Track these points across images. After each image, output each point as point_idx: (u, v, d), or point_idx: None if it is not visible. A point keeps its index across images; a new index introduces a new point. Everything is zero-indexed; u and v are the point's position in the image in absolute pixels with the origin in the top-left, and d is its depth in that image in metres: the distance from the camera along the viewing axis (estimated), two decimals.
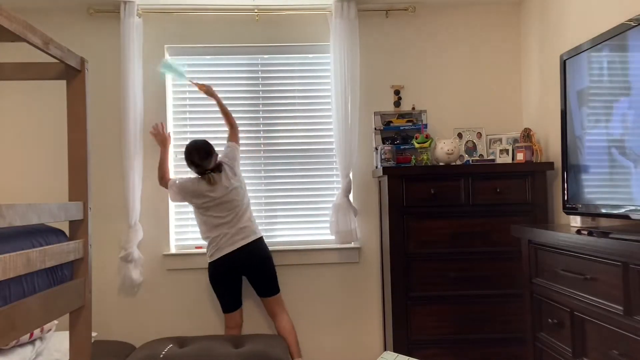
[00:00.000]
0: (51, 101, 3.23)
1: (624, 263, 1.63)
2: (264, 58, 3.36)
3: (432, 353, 2.84)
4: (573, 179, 2.23)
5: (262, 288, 2.96)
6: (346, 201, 3.15)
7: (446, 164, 2.98)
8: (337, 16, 3.16)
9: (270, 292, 2.97)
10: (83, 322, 1.80)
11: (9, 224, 1.34)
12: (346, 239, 3.15)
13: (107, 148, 3.24)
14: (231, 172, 2.93)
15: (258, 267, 2.91)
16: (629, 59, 1.87)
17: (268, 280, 2.95)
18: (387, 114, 3.26)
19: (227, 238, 2.86)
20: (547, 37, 3.01)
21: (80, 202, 1.78)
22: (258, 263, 2.90)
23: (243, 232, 2.88)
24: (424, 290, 2.86)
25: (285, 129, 3.38)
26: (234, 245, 2.85)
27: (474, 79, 3.37)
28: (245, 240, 2.87)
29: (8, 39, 1.45)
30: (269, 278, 2.95)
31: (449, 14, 3.38)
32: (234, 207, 2.89)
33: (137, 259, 3.13)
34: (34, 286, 1.48)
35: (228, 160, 2.97)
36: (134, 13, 3.10)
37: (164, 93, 3.29)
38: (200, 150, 2.85)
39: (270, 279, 2.96)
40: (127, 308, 3.24)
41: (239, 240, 2.86)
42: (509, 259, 2.85)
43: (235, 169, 2.96)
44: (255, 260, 2.90)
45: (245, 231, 2.89)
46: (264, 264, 2.92)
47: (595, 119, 2.09)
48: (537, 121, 3.16)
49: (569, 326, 1.96)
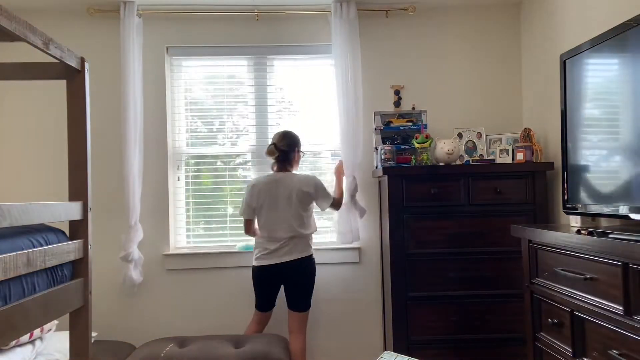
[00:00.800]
0: (51, 101, 3.23)
1: (623, 263, 1.63)
2: (264, 58, 3.36)
3: (432, 353, 2.84)
4: (573, 179, 2.23)
5: (293, 301, 2.89)
6: (350, 201, 3.14)
7: (446, 164, 2.98)
8: (337, 16, 3.16)
9: (297, 308, 2.88)
10: (83, 322, 1.80)
11: (10, 224, 1.34)
12: (347, 239, 3.15)
13: (107, 148, 3.24)
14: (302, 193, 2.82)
15: (297, 283, 2.87)
16: (629, 59, 1.87)
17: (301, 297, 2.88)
18: (387, 114, 3.25)
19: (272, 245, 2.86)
20: (547, 37, 3.01)
21: (80, 202, 1.78)
22: (296, 279, 2.87)
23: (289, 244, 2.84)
24: (424, 290, 2.86)
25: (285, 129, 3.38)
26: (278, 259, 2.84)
27: (474, 79, 3.37)
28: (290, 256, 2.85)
29: (8, 39, 1.45)
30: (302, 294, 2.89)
31: (449, 14, 3.38)
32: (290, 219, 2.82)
33: (137, 259, 3.13)
34: (34, 286, 1.48)
35: (307, 188, 2.84)
36: (134, 13, 3.10)
37: (164, 93, 3.29)
38: (282, 132, 2.95)
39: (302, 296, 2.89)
40: (127, 308, 3.24)
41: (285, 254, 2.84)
42: (509, 259, 2.85)
43: (307, 199, 2.85)
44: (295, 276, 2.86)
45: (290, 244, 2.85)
46: (301, 282, 2.88)
47: (596, 119, 2.09)
48: (537, 121, 3.16)
49: (569, 326, 1.96)
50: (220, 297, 3.27)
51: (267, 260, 2.83)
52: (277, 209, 2.82)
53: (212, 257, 3.25)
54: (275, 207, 2.82)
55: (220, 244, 3.36)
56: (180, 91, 3.39)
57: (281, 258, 2.81)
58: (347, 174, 3.14)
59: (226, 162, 3.42)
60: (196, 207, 3.39)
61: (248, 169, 3.42)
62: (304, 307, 2.88)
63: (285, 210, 2.81)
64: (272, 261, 2.82)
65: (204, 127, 3.43)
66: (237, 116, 3.43)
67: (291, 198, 2.82)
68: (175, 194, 3.35)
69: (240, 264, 3.25)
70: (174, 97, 3.37)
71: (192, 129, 3.41)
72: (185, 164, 3.39)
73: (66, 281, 1.69)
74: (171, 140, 3.34)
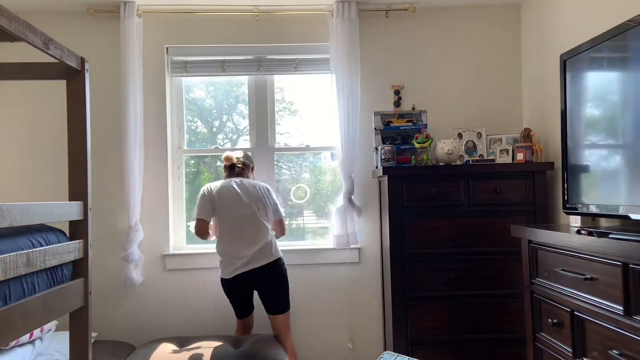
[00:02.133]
0: (51, 101, 3.23)
1: (623, 263, 1.63)
2: (264, 58, 3.35)
3: (432, 353, 2.84)
4: (573, 179, 2.23)
5: (270, 305, 2.86)
6: (346, 204, 3.14)
7: (446, 164, 2.98)
8: (337, 16, 3.16)
9: (275, 310, 2.85)
10: (83, 322, 1.80)
11: (10, 224, 1.34)
12: (343, 243, 3.15)
13: (107, 148, 3.24)
14: (261, 193, 2.83)
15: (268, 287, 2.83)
16: (629, 59, 1.87)
17: (276, 301, 2.85)
18: (387, 114, 3.25)
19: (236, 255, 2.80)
20: (547, 37, 3.01)
21: (80, 202, 1.78)
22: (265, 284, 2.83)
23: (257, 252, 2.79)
24: (424, 290, 2.86)
25: (286, 129, 3.38)
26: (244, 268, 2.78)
27: (474, 79, 3.37)
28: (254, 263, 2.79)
29: (8, 39, 1.45)
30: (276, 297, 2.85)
31: (449, 14, 3.38)
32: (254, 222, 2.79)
33: (138, 259, 3.13)
34: (34, 286, 1.48)
35: (264, 192, 2.85)
36: (134, 13, 3.10)
37: (164, 93, 3.28)
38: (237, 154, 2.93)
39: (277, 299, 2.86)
40: (127, 308, 3.24)
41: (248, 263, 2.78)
42: (509, 259, 2.85)
43: (266, 198, 2.85)
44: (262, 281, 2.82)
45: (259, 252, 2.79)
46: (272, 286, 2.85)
47: (596, 119, 2.08)
48: (537, 121, 3.16)
49: (568, 326, 1.96)
50: (220, 297, 3.26)
51: (235, 270, 2.75)
52: (243, 209, 2.77)
53: (212, 257, 3.24)
54: (241, 207, 2.77)
55: None
56: (180, 91, 3.39)
57: (249, 266, 2.74)
58: (344, 175, 3.14)
59: None
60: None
61: None
62: (285, 307, 2.86)
63: (250, 210, 2.77)
64: (240, 270, 2.74)
65: (204, 127, 3.43)
66: (237, 116, 3.43)
67: (258, 199, 2.80)
68: (175, 194, 3.35)
69: None
70: (173, 97, 3.37)
71: (192, 129, 3.41)
72: (185, 164, 3.39)
73: (66, 281, 1.69)
74: (171, 140, 3.34)
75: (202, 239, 2.86)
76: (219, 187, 2.81)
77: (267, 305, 2.85)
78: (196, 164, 3.42)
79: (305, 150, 3.41)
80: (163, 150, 3.27)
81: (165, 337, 3.13)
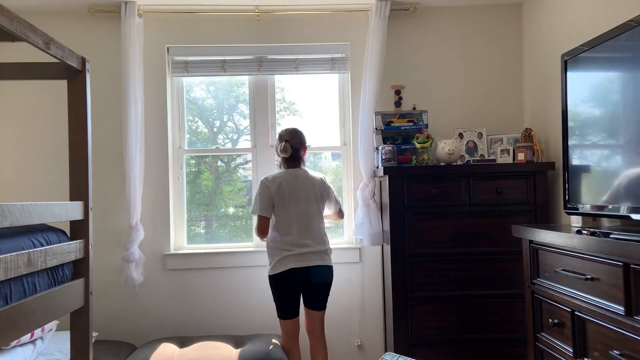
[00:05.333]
0: (52, 101, 3.23)
1: (625, 263, 1.63)
2: (265, 58, 3.35)
3: (432, 353, 2.84)
4: (574, 179, 2.22)
5: (315, 302, 2.78)
6: (372, 203, 3.14)
7: (447, 164, 2.98)
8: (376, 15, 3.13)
9: (319, 307, 2.78)
10: (84, 322, 1.80)
11: (10, 224, 1.34)
12: (377, 241, 3.13)
13: (108, 148, 3.24)
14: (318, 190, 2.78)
15: (319, 285, 2.77)
16: (630, 59, 1.86)
17: (323, 296, 2.79)
18: (387, 114, 3.25)
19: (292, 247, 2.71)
20: (548, 37, 3.00)
21: (81, 202, 1.79)
22: (319, 282, 2.75)
23: (312, 247, 2.72)
24: (425, 291, 2.86)
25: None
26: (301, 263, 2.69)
27: (475, 78, 3.37)
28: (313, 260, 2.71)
29: (9, 39, 1.45)
30: (324, 294, 2.80)
31: (450, 14, 3.37)
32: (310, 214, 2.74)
33: (138, 259, 3.13)
34: (34, 286, 1.48)
35: (321, 189, 2.80)
36: (134, 13, 3.10)
37: (165, 93, 3.29)
38: (294, 129, 2.84)
39: (325, 295, 2.80)
40: (127, 308, 3.24)
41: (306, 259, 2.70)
42: (510, 259, 2.84)
43: (323, 195, 2.80)
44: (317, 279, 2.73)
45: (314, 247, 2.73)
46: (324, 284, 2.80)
47: (597, 118, 2.08)
48: (538, 121, 3.15)
49: (569, 326, 1.95)
50: (221, 297, 3.27)
51: (295, 264, 2.65)
52: (299, 204, 2.71)
53: (212, 257, 3.25)
54: (297, 202, 2.71)
55: (221, 243, 3.36)
56: (181, 91, 3.39)
57: (309, 262, 2.66)
58: (366, 175, 3.14)
59: (226, 162, 3.42)
60: (197, 207, 3.39)
61: (248, 169, 3.43)
62: (325, 304, 2.80)
63: (308, 206, 2.73)
64: (301, 264, 2.65)
65: (204, 127, 3.43)
66: (238, 116, 3.43)
67: (315, 194, 2.76)
68: (176, 194, 3.35)
69: (241, 264, 3.25)
70: (174, 97, 3.37)
71: (192, 128, 3.41)
72: (186, 163, 3.39)
73: (67, 281, 1.69)
74: (172, 140, 3.34)
75: (261, 239, 2.79)
76: (278, 181, 2.73)
77: (312, 301, 2.75)
78: (197, 164, 3.43)
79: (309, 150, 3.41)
80: (164, 150, 3.27)
81: (165, 336, 3.13)
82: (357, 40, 3.31)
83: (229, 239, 3.37)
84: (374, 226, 3.11)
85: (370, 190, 3.14)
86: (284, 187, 2.71)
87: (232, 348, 2.75)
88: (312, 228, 2.72)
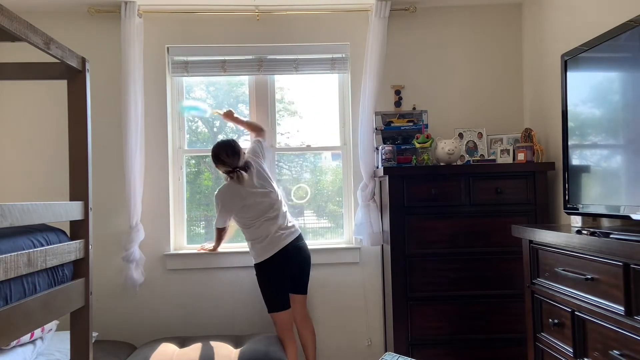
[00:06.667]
0: (52, 101, 3.23)
1: (624, 263, 1.63)
2: (265, 58, 3.35)
3: (432, 353, 2.84)
4: (574, 179, 2.23)
5: (300, 284, 2.95)
6: (372, 203, 3.14)
7: (447, 164, 2.98)
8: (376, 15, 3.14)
9: (304, 290, 2.99)
10: (84, 322, 1.80)
11: (10, 224, 1.34)
12: (377, 241, 3.13)
13: (108, 148, 3.23)
14: (259, 167, 2.92)
15: (303, 264, 2.92)
16: (630, 59, 1.86)
17: (306, 277, 2.98)
18: (387, 114, 3.25)
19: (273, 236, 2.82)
20: (547, 37, 3.00)
21: (81, 201, 1.79)
22: (303, 260, 2.91)
23: (288, 228, 2.87)
24: (425, 291, 2.86)
25: (287, 129, 3.38)
26: (284, 241, 2.82)
27: (475, 78, 3.37)
28: (292, 236, 2.86)
29: (9, 39, 1.45)
30: (307, 274, 2.99)
31: (450, 14, 3.37)
32: (272, 204, 2.86)
33: (139, 259, 3.13)
34: (34, 286, 1.48)
35: (254, 157, 2.96)
36: (134, 13, 3.10)
37: (165, 93, 3.29)
38: (227, 147, 2.83)
39: (308, 276, 2.99)
40: (127, 308, 3.24)
41: (287, 237, 2.84)
42: (510, 259, 2.84)
43: (261, 165, 2.95)
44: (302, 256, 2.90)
45: (289, 228, 2.88)
46: (307, 262, 2.95)
47: (597, 119, 2.08)
48: (538, 121, 3.15)
49: (569, 326, 1.95)
50: (221, 297, 3.27)
51: (280, 246, 2.80)
52: (256, 197, 2.83)
53: (212, 257, 3.25)
54: (253, 198, 2.83)
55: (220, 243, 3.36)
56: (181, 91, 3.39)
57: (288, 239, 2.82)
58: (366, 175, 3.15)
59: None
60: (197, 207, 3.39)
61: None
62: (307, 286, 2.99)
63: (263, 197, 2.84)
64: (284, 243, 2.80)
65: (204, 127, 3.43)
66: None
67: (258, 175, 2.88)
68: (176, 194, 3.35)
69: (240, 264, 3.25)
70: (174, 97, 3.37)
71: (192, 129, 3.41)
72: (186, 164, 3.39)
73: (67, 281, 1.69)
74: (172, 140, 3.34)
75: None
76: (229, 196, 2.85)
77: (296, 284, 2.93)
78: (197, 164, 3.43)
79: (306, 150, 3.41)
80: (164, 150, 3.27)
81: (165, 337, 3.13)
82: (357, 40, 3.31)
83: (229, 239, 3.36)
84: (374, 226, 3.11)
85: (370, 190, 3.15)
86: (238, 202, 2.83)
87: (231, 348, 2.75)
88: (278, 214, 2.86)
